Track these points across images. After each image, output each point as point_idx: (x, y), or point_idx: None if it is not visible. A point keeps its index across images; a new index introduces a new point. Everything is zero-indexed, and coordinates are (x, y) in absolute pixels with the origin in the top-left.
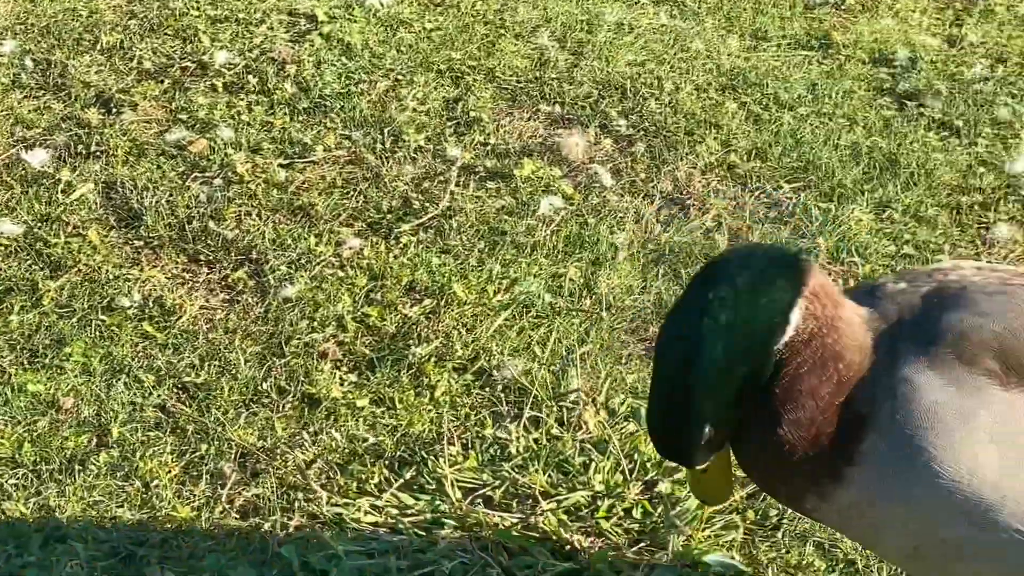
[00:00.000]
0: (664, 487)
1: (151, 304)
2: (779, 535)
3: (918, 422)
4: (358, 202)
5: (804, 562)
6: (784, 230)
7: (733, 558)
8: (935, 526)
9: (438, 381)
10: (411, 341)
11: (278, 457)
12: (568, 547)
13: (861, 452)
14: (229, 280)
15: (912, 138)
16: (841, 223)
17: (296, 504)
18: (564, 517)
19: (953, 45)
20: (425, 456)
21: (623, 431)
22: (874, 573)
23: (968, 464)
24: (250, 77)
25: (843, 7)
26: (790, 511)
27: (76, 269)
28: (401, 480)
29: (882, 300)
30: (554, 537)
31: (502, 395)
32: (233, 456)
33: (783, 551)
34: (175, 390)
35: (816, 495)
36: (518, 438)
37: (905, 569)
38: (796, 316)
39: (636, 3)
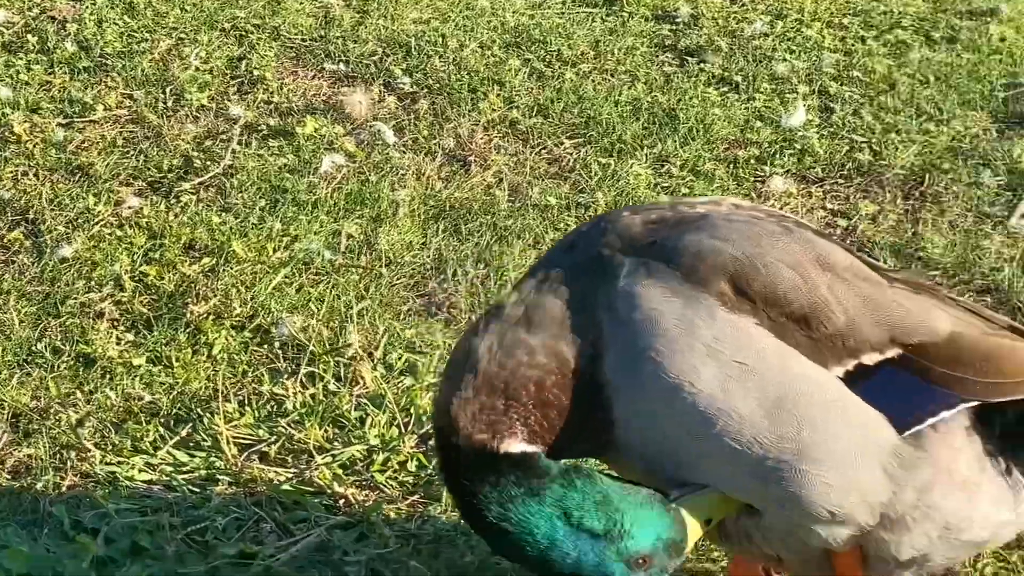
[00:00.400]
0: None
1: None
2: None
3: (638, 329)
4: (138, 161)
5: None
6: (564, 185)
7: None
8: (659, 434)
9: (216, 339)
10: (189, 299)
11: (51, 417)
12: (343, 501)
13: (605, 382)
14: (4, 240)
15: (692, 94)
16: (620, 178)
17: (69, 463)
18: (339, 471)
19: (734, 2)
20: (201, 413)
21: (399, 386)
22: None
23: (688, 374)
24: (29, 36)
25: None
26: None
27: None
28: (177, 437)
29: (607, 235)
30: (329, 491)
31: (280, 352)
32: (5, 417)
33: None
34: None
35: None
36: (295, 394)
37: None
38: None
39: None
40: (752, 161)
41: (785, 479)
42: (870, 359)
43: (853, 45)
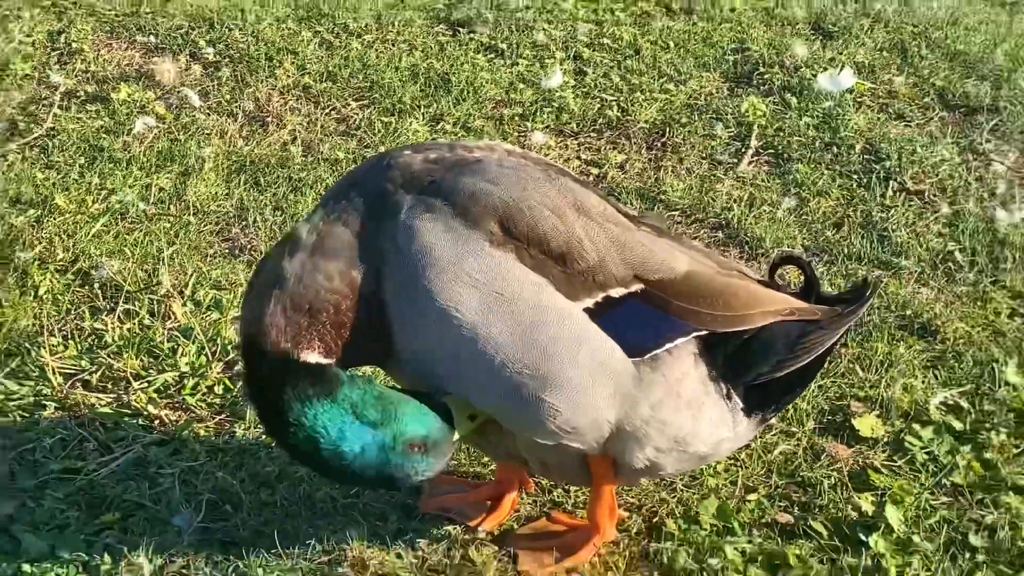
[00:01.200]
0: (241, 366)
1: None
2: None
3: (415, 258)
4: None
5: None
6: (351, 142)
7: None
8: (430, 353)
9: (41, 281)
10: (17, 247)
11: None
12: (157, 421)
13: (388, 301)
14: None
15: (463, 60)
16: (401, 134)
17: None
18: (154, 395)
19: None
20: (28, 347)
21: (207, 319)
22: None
23: (453, 299)
24: None
25: None
26: None
27: None
28: (7, 369)
29: (391, 171)
30: (145, 413)
31: (99, 292)
32: None
33: None
34: None
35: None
36: (113, 329)
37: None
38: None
39: None
40: (516, 118)
41: (529, 402)
42: (616, 292)
43: (603, 16)
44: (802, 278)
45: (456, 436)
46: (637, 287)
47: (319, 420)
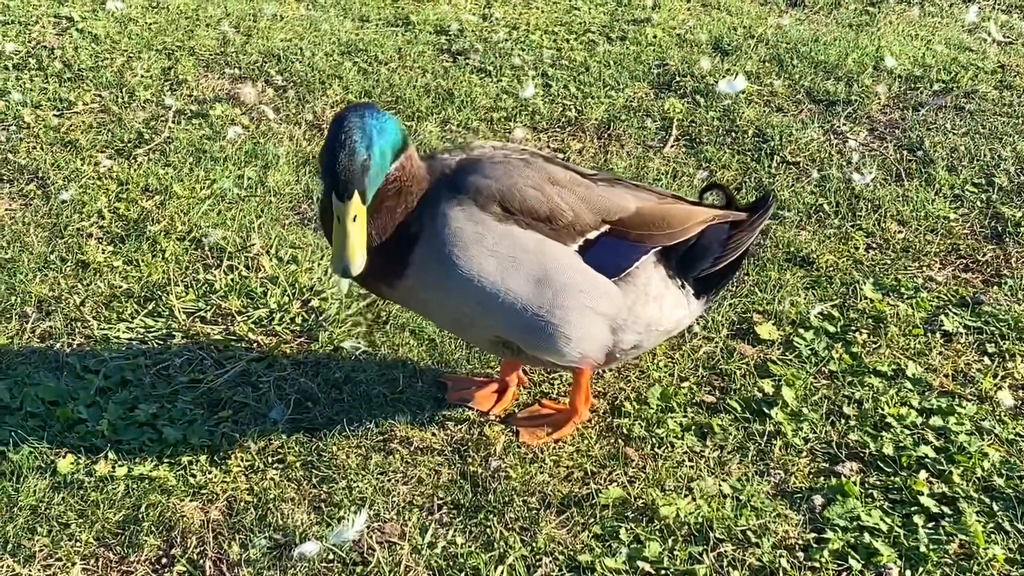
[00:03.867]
0: (315, 303)
1: None
2: (387, 328)
3: (447, 239)
4: (107, 137)
5: (403, 343)
6: None
7: (360, 343)
8: (459, 305)
9: (167, 246)
10: (148, 223)
11: (63, 301)
12: (255, 344)
13: (412, 258)
14: (24, 191)
15: (462, 79)
16: (420, 134)
17: (76, 330)
18: (252, 326)
19: (486, 20)
20: (160, 295)
21: (287, 270)
22: (451, 346)
23: (477, 268)
24: (31, 59)
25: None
26: (396, 311)
27: None
28: (146, 310)
29: (436, 163)
30: (246, 338)
31: (209, 253)
32: (32, 303)
33: (391, 336)
34: None
35: (387, 285)
36: (220, 279)
37: (448, 330)
38: (401, 160)
39: (285, 1)
40: (502, 120)
41: (547, 334)
42: (592, 235)
43: (562, 44)
44: (723, 197)
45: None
46: (605, 227)
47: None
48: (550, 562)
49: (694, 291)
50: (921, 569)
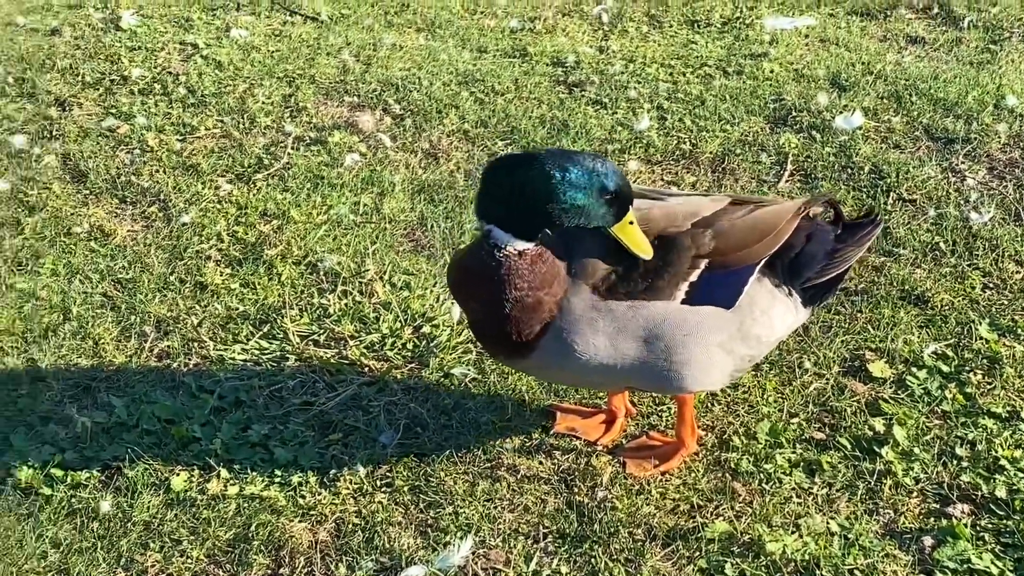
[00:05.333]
0: (427, 329)
1: (94, 230)
2: None
3: (569, 327)
4: (228, 162)
5: (512, 371)
6: None
7: (469, 370)
8: (580, 378)
9: (283, 270)
10: (265, 247)
11: (180, 322)
12: (366, 368)
13: (540, 345)
14: (146, 213)
15: (577, 111)
16: None
17: (193, 350)
18: (364, 351)
19: (602, 52)
20: (275, 317)
21: (400, 296)
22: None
23: (592, 349)
24: (156, 85)
25: (534, 30)
26: None
27: (46, 209)
28: (260, 332)
29: (566, 234)
30: (358, 363)
31: (323, 277)
32: (152, 322)
33: (499, 365)
34: (112, 284)
35: (509, 359)
36: (334, 303)
37: (567, 385)
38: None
39: (405, 31)
40: (617, 152)
41: (667, 380)
42: (694, 277)
43: (678, 78)
44: (831, 212)
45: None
46: (703, 264)
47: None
48: None
49: (801, 299)
50: None
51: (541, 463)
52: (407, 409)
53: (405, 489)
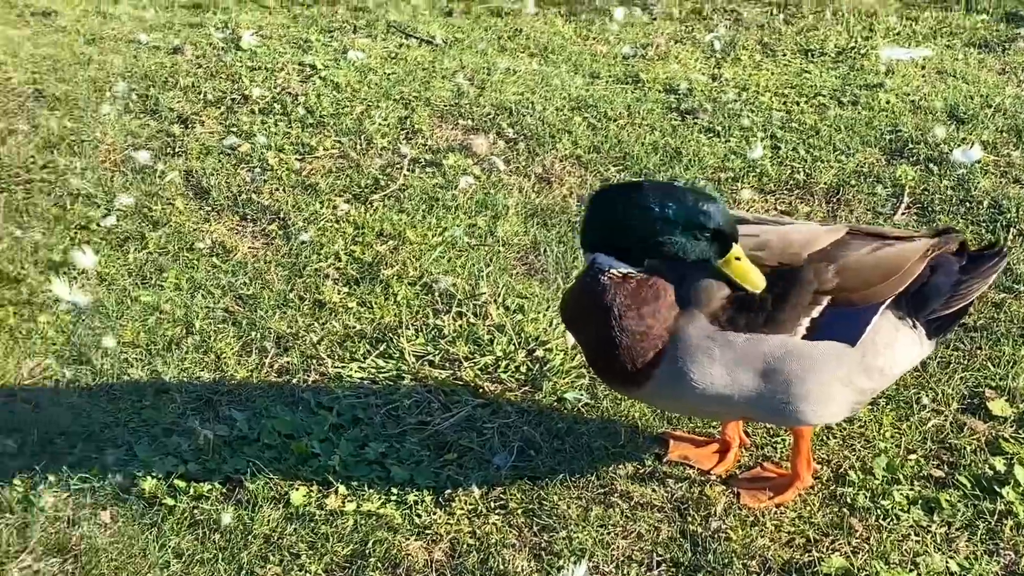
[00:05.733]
0: (540, 353)
1: (216, 246)
2: None
3: (684, 356)
4: (346, 182)
5: (624, 397)
6: None
7: (582, 395)
8: (695, 408)
9: (399, 290)
10: (382, 266)
11: (300, 338)
12: (481, 390)
13: (655, 374)
14: (266, 230)
15: (690, 138)
16: None
17: (311, 367)
18: (479, 372)
19: (715, 80)
20: (392, 336)
21: (514, 319)
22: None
23: (708, 379)
24: (275, 104)
25: (647, 57)
26: None
27: (169, 224)
28: (377, 351)
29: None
30: (472, 384)
31: (439, 299)
32: (272, 338)
33: (611, 390)
34: (234, 299)
35: (623, 388)
36: (449, 324)
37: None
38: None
39: (518, 56)
40: (729, 180)
41: (784, 414)
42: (816, 313)
43: (791, 107)
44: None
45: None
46: (826, 300)
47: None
48: None
49: (926, 331)
50: None
51: (654, 490)
52: (521, 432)
53: (519, 512)
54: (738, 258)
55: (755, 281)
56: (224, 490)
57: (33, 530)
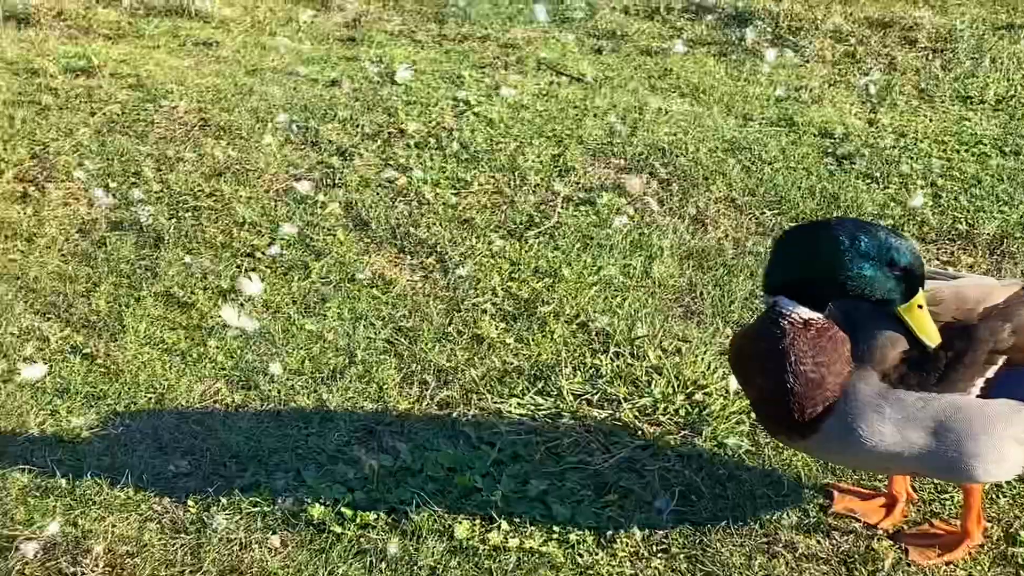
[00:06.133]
0: (698, 397)
1: (376, 278)
2: None
3: (854, 412)
4: (500, 217)
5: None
6: (767, 240)
7: (743, 441)
8: (859, 464)
9: (555, 328)
10: (538, 303)
11: (459, 372)
12: (639, 432)
13: (823, 427)
14: (424, 264)
15: (847, 184)
16: None
17: (472, 401)
18: (638, 413)
19: (872, 125)
20: (549, 374)
21: (671, 361)
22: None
23: (878, 437)
24: (431, 139)
25: (800, 100)
26: None
27: (330, 255)
28: (536, 388)
29: (851, 314)
30: (631, 425)
31: (595, 338)
32: (432, 371)
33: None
34: (394, 331)
35: (788, 439)
36: (606, 364)
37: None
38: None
39: (670, 96)
40: (889, 228)
41: (953, 468)
42: (991, 373)
43: (951, 155)
44: None
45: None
46: (1001, 361)
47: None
48: None
49: None
50: None
51: (819, 543)
52: (682, 476)
53: (681, 557)
54: (920, 306)
55: (932, 334)
56: (389, 520)
57: (207, 551)
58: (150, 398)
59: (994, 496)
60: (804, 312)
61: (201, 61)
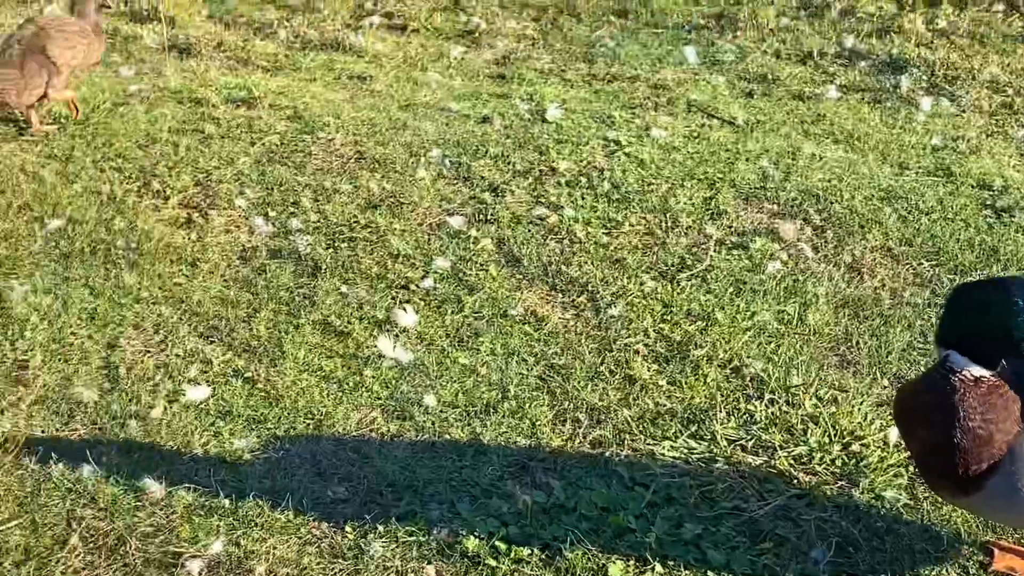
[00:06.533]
0: (856, 447)
1: (528, 314)
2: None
3: (1020, 472)
4: (652, 258)
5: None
6: (926, 292)
7: (901, 495)
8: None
9: (708, 372)
10: (690, 346)
11: (612, 412)
12: (795, 480)
13: (987, 485)
14: (575, 302)
15: (1008, 237)
16: None
17: (625, 441)
18: (793, 461)
19: None
20: (703, 418)
21: (827, 411)
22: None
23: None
24: (582, 178)
25: (957, 150)
26: None
27: (483, 290)
28: (689, 431)
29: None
30: (786, 473)
31: (749, 383)
32: (584, 409)
33: (933, 493)
34: (546, 367)
35: (950, 495)
36: (761, 410)
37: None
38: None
39: (823, 142)
40: None
41: None
42: None
43: None
44: None
45: None
46: None
47: None
48: None
49: None
50: None
51: None
52: (838, 527)
53: None
54: None
55: None
56: (543, 556)
57: None
58: (308, 424)
59: None
60: (975, 370)
61: (356, 95)
